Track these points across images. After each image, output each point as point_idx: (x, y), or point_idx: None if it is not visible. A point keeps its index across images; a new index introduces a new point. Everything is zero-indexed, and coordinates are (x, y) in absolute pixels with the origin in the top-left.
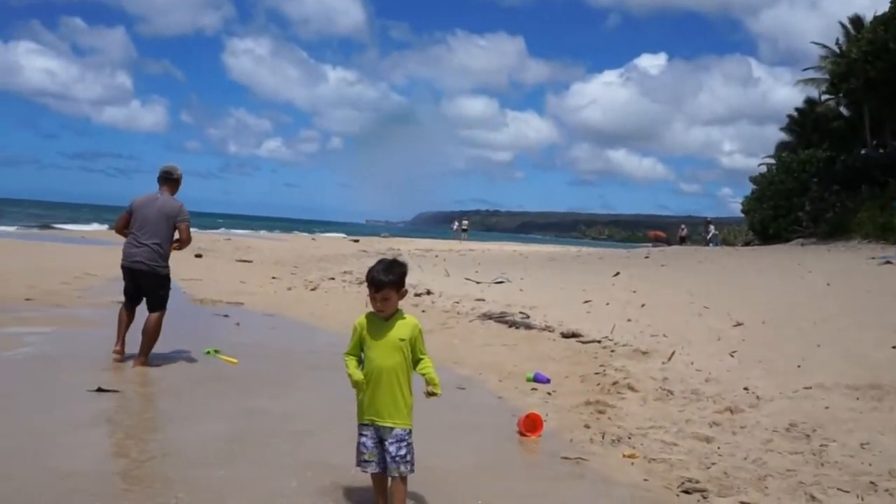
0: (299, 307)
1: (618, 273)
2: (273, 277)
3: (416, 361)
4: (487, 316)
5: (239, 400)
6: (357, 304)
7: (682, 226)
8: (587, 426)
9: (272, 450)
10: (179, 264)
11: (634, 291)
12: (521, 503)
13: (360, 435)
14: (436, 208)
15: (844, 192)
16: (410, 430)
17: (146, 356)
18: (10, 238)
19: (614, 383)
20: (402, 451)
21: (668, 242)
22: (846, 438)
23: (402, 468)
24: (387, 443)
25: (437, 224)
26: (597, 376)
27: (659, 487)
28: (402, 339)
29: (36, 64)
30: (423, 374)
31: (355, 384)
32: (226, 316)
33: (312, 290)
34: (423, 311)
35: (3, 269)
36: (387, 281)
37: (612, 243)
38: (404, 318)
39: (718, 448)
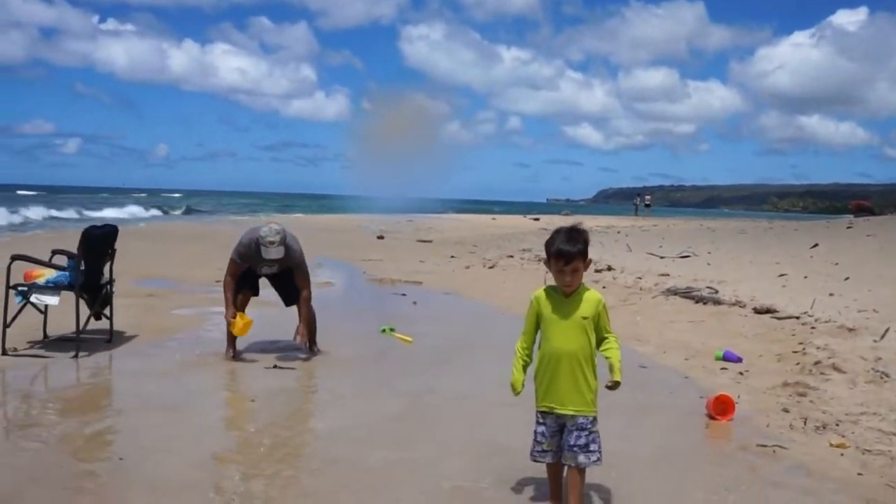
0: (476, 285)
1: (816, 244)
2: (452, 256)
3: (599, 340)
4: (672, 291)
5: (411, 379)
6: (536, 280)
7: None
8: (786, 410)
9: (441, 430)
10: (360, 246)
11: (836, 264)
12: (711, 496)
13: (538, 423)
14: (617, 184)
15: None
16: (595, 418)
17: None
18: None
19: (816, 363)
20: (583, 441)
21: (873, 212)
22: None
23: (582, 458)
24: (567, 431)
25: (620, 201)
26: (795, 355)
27: (877, 484)
28: (586, 318)
29: (229, 64)
30: (607, 357)
31: (512, 387)
32: (403, 295)
33: (490, 268)
34: (604, 288)
35: (200, 254)
36: (575, 251)
37: (807, 215)
38: (587, 292)
39: None
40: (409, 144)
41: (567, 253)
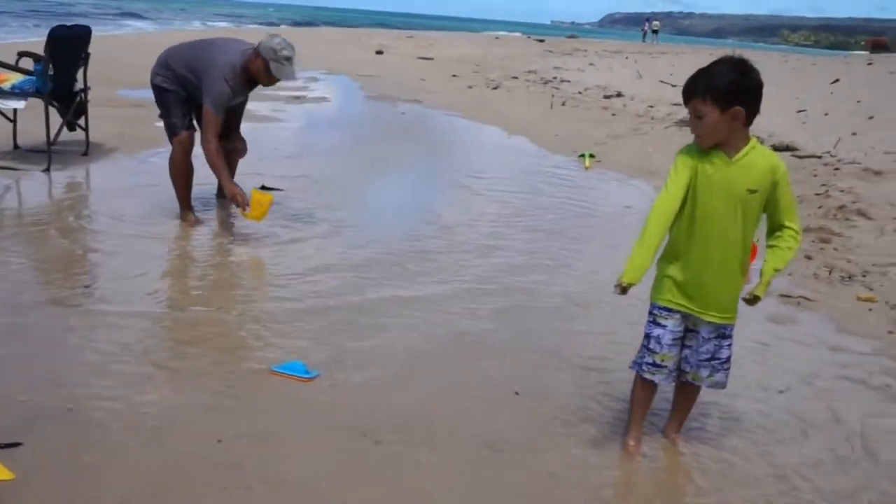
0: (479, 106)
1: (837, 80)
2: (453, 76)
3: (772, 229)
4: (685, 122)
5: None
6: (543, 103)
7: None
8: (809, 257)
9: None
10: (357, 62)
11: (859, 101)
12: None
13: (656, 324)
14: (624, 9)
15: None
16: None
17: None
18: None
19: (840, 207)
20: (728, 353)
21: (889, 49)
22: None
23: (721, 377)
24: (703, 338)
25: (627, 26)
26: (818, 198)
27: None
28: (753, 192)
29: None
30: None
31: (631, 277)
32: (403, 114)
33: (494, 88)
34: (614, 115)
35: None
36: (693, 89)
37: (820, 50)
38: (761, 154)
39: None
40: None
41: (683, 91)
